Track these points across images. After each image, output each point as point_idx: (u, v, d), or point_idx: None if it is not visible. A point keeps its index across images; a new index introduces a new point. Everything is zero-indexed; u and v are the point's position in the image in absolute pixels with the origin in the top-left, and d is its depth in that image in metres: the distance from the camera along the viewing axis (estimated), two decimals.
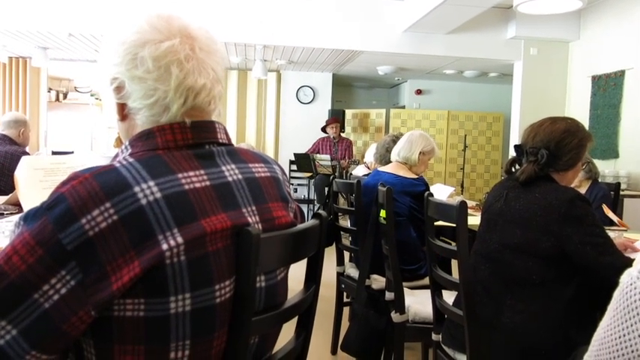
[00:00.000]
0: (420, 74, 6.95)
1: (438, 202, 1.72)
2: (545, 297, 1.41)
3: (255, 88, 6.72)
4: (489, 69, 6.32)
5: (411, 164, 2.53)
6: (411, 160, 2.52)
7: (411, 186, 2.42)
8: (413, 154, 2.52)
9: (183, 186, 0.74)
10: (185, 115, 0.79)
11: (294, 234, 0.87)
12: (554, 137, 1.48)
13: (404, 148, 2.54)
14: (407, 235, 2.40)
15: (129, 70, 0.77)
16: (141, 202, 0.69)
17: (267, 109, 6.79)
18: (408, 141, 2.55)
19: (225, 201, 0.77)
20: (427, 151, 2.55)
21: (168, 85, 0.77)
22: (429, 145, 2.56)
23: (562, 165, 1.49)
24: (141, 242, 0.68)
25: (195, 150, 0.79)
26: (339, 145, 6.14)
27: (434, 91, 7.54)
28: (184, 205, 0.72)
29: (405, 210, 2.39)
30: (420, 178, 2.48)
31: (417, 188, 2.41)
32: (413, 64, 6.19)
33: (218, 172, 0.80)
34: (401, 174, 2.48)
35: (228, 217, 0.76)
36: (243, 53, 5.76)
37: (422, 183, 2.44)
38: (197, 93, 0.79)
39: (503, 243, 1.48)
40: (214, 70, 0.82)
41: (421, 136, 2.56)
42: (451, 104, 7.39)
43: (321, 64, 6.29)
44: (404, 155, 2.53)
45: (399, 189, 2.36)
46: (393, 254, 2.08)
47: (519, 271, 1.43)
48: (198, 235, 0.71)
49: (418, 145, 2.53)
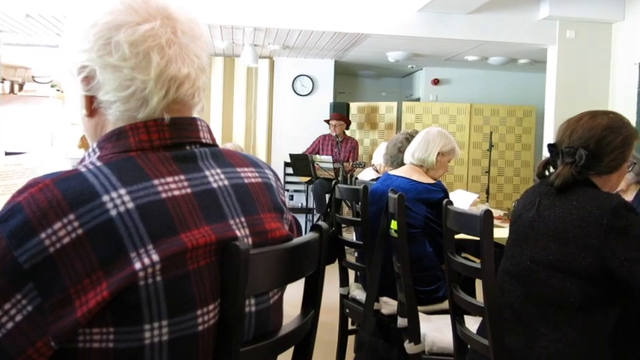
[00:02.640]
0: (438, 61, 6.97)
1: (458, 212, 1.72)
2: (585, 323, 1.41)
3: (243, 77, 6.75)
4: (518, 55, 6.34)
5: (428, 167, 2.54)
6: (427, 162, 2.53)
7: (427, 192, 2.42)
8: (430, 155, 2.52)
9: (160, 194, 0.74)
10: (165, 110, 0.79)
11: (289, 249, 0.87)
12: (595, 135, 1.48)
13: (419, 148, 2.54)
14: (422, 250, 2.40)
15: (101, 57, 0.77)
16: (110, 214, 0.69)
17: (258, 103, 6.80)
18: (424, 140, 2.56)
19: (209, 211, 0.78)
20: (446, 152, 2.56)
21: (147, 74, 0.77)
22: (449, 144, 2.57)
23: (604, 167, 1.49)
24: (110, 261, 0.68)
25: (174, 151, 0.79)
26: (343, 145, 6.14)
27: (453, 80, 7.56)
28: (161, 217, 0.72)
29: (420, 221, 2.39)
30: (438, 183, 2.49)
31: (434, 195, 2.41)
32: (429, 50, 6.21)
33: (201, 177, 0.80)
34: (415, 178, 2.48)
35: (212, 230, 0.76)
36: (230, 37, 5.78)
37: (440, 189, 2.45)
38: (180, 84, 0.80)
39: (536, 260, 1.48)
40: (198, 57, 0.83)
41: (439, 134, 2.57)
42: (474, 96, 7.41)
43: (322, 50, 6.31)
44: (419, 156, 2.54)
45: (412, 196, 2.37)
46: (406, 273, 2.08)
47: (555, 292, 1.43)
48: (178, 252, 0.72)
49: (436, 144, 2.54)
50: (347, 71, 7.79)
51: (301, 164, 5.77)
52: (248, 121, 6.78)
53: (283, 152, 6.49)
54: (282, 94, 6.84)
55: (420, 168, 2.54)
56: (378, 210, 2.41)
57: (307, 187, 6.64)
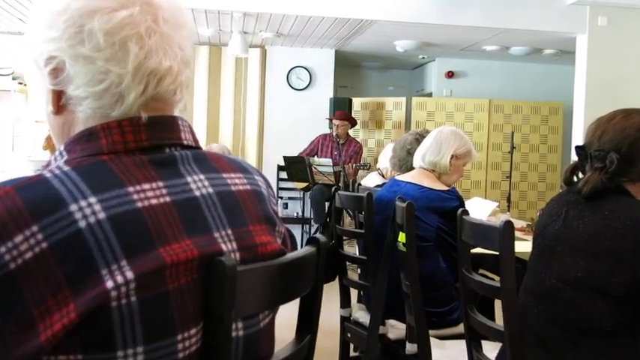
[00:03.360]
0: (452, 51, 6.99)
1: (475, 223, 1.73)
2: (618, 350, 1.41)
3: (231, 69, 6.76)
4: (544, 44, 6.37)
5: (440, 171, 2.55)
6: (440, 166, 2.54)
7: (439, 200, 2.43)
8: (442, 157, 2.53)
9: (135, 203, 0.74)
10: (143, 108, 0.80)
11: (282, 266, 0.87)
12: (628, 136, 1.49)
13: (430, 151, 2.55)
14: (434, 266, 2.40)
15: (72, 46, 0.78)
16: (79, 225, 0.70)
17: (248, 99, 6.82)
18: (435, 140, 2.57)
19: (191, 223, 0.78)
20: (461, 154, 2.57)
21: (124, 67, 0.78)
22: (464, 145, 2.58)
23: (638, 174, 1.50)
24: (78, 278, 0.68)
25: (152, 155, 0.80)
26: (345, 147, 6.15)
27: (470, 73, 7.58)
28: (136, 229, 0.73)
29: (432, 233, 2.40)
30: (452, 190, 2.50)
31: (447, 203, 2.42)
32: (442, 38, 6.23)
33: (182, 184, 0.80)
34: (426, 185, 2.49)
35: (194, 243, 0.77)
36: (217, 23, 5.79)
37: (454, 196, 2.45)
38: (161, 78, 0.80)
39: (563, 277, 1.49)
40: (182, 48, 0.83)
41: (453, 134, 2.58)
42: (493, 91, 7.43)
43: (320, 38, 6.33)
44: (430, 160, 2.55)
45: (423, 204, 2.37)
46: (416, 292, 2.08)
47: (584, 315, 1.43)
48: (155, 269, 0.72)
49: (449, 145, 2.55)
50: (349, 62, 7.81)
51: (297, 168, 5.78)
52: (236, 119, 6.79)
53: (276, 154, 6.50)
54: (276, 88, 6.86)
55: (431, 173, 2.55)
56: (384, 220, 2.42)
57: (303, 194, 6.64)
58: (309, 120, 6.72)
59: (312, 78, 6.89)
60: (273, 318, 0.92)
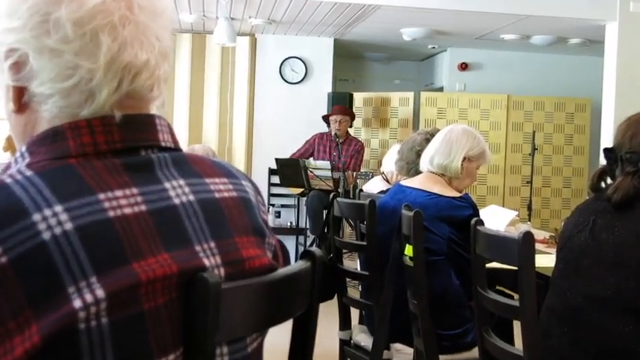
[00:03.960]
0: (466, 40, 7.01)
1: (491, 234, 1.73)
2: None
3: (217, 60, 6.77)
4: (569, 33, 6.39)
5: (451, 175, 2.55)
6: (450, 169, 2.54)
7: (450, 208, 2.43)
8: (453, 160, 2.54)
9: (107, 212, 0.74)
10: (116, 106, 0.80)
11: (273, 283, 0.87)
12: None
13: (439, 152, 2.56)
14: (446, 282, 2.41)
15: (36, 37, 0.78)
16: (42, 237, 0.70)
17: (236, 94, 6.82)
18: (445, 141, 2.57)
19: (170, 234, 0.78)
20: (474, 156, 2.57)
21: (95, 60, 0.78)
22: (478, 146, 2.58)
23: None
24: (42, 297, 0.68)
25: (126, 158, 0.80)
26: (345, 147, 6.16)
27: (486, 65, 7.60)
28: (108, 241, 0.73)
29: (443, 245, 2.40)
30: (465, 196, 2.50)
31: (459, 212, 2.42)
32: (455, 26, 6.25)
33: (159, 190, 0.81)
34: (436, 191, 2.50)
35: (173, 258, 0.77)
36: (200, 8, 5.80)
37: (467, 204, 2.46)
38: (136, 73, 0.81)
39: (589, 295, 1.49)
40: (160, 39, 0.84)
41: (465, 134, 2.58)
42: (512, 85, 7.45)
43: (318, 26, 6.34)
44: (440, 162, 2.55)
45: (432, 213, 2.38)
46: (425, 312, 2.08)
47: (612, 338, 1.44)
48: (129, 286, 0.72)
49: (461, 146, 2.55)
50: (350, 53, 7.83)
51: (291, 172, 5.78)
52: (222, 117, 6.79)
53: (268, 156, 6.50)
54: (267, 81, 6.86)
55: (440, 177, 2.55)
56: (389, 231, 2.42)
57: (298, 201, 6.64)
58: (305, 117, 6.72)
59: (308, 70, 6.90)
60: (263, 342, 0.92)
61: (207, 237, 0.82)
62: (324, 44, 6.93)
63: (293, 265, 0.95)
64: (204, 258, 0.80)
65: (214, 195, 0.87)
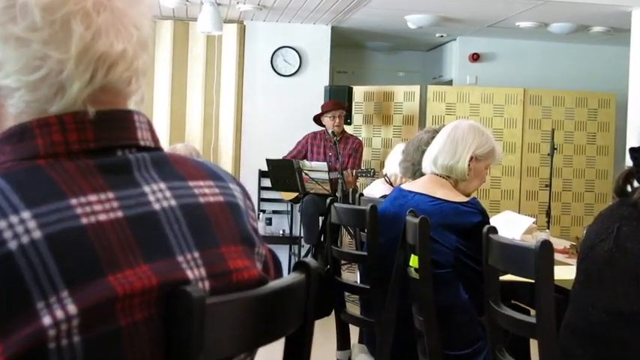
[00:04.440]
0: (478, 28, 7.02)
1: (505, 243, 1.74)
2: None
3: (201, 51, 6.77)
4: (592, 20, 6.41)
5: (457, 177, 2.55)
6: (456, 170, 2.54)
7: (457, 215, 2.43)
8: (459, 160, 2.53)
9: (80, 219, 0.75)
10: (90, 101, 0.80)
11: (263, 297, 0.88)
12: None
13: (444, 152, 2.56)
14: (454, 297, 2.41)
15: (1, 25, 0.79)
16: (8, 247, 0.70)
17: (223, 87, 6.83)
18: (450, 139, 2.57)
19: (149, 244, 0.79)
20: (483, 155, 2.57)
21: (66, 50, 0.79)
22: (486, 143, 2.58)
23: None
24: (7, 314, 0.68)
25: (101, 159, 0.80)
26: (342, 146, 6.16)
27: (500, 56, 7.62)
28: (81, 251, 0.73)
29: (449, 256, 2.40)
30: (472, 201, 2.50)
31: (467, 219, 2.43)
32: (465, 12, 6.26)
33: (137, 195, 0.81)
34: (440, 195, 2.49)
35: (152, 270, 0.77)
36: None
37: (475, 209, 2.46)
38: (112, 65, 0.81)
39: (613, 310, 1.49)
40: (138, 27, 0.84)
41: (472, 130, 2.58)
42: (529, 78, 7.46)
43: (313, 12, 6.34)
44: (444, 163, 2.55)
45: (437, 220, 2.37)
46: (432, 330, 2.08)
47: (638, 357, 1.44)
48: (104, 301, 0.72)
49: (467, 144, 2.55)
50: (349, 42, 7.84)
51: (283, 174, 5.78)
52: (207, 113, 6.79)
53: (258, 157, 6.50)
54: (257, 74, 6.87)
55: (445, 180, 2.55)
56: (390, 241, 2.42)
57: (292, 206, 6.64)
58: (300, 114, 6.72)
59: (303, 61, 6.91)
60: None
61: (190, 246, 0.83)
62: (320, 32, 6.94)
63: (286, 278, 0.95)
64: (187, 270, 0.80)
65: (199, 199, 0.87)
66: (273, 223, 6.75)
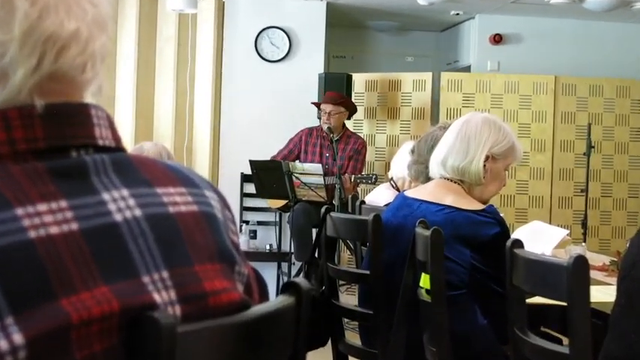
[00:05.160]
0: (500, 5, 7.03)
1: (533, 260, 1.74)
2: None
3: (173, 31, 6.75)
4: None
5: (471, 181, 2.55)
6: (469, 173, 2.53)
7: (470, 225, 2.43)
8: (473, 160, 2.53)
9: (27, 232, 0.75)
10: (37, 91, 0.81)
11: (245, 325, 0.88)
12: None
13: (454, 151, 2.55)
14: (470, 323, 2.41)
15: None
16: None
17: (198, 75, 6.81)
18: (460, 136, 2.57)
19: (110, 261, 0.79)
20: (500, 153, 2.57)
21: (7, 31, 0.79)
22: (504, 139, 2.58)
23: None
24: None
25: (52, 161, 0.81)
26: (341, 146, 6.16)
27: (526, 37, 7.61)
28: (28, 271, 0.73)
29: (463, 275, 2.41)
30: (488, 208, 2.49)
31: (483, 230, 2.43)
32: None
33: (95, 204, 0.81)
34: (448, 202, 2.50)
35: (113, 292, 0.77)
36: None
37: (492, 219, 2.46)
38: (62, 47, 0.81)
39: None
40: (94, 4, 0.85)
41: (486, 124, 2.58)
42: (561, 63, 7.46)
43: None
44: (455, 164, 2.54)
45: (448, 233, 2.37)
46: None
47: None
48: (56, 329, 0.72)
49: (482, 141, 2.54)
50: (348, 22, 7.84)
51: (270, 178, 5.77)
52: (180, 106, 6.77)
53: (240, 158, 6.48)
54: (239, 60, 6.86)
55: (457, 185, 2.55)
56: (393, 257, 2.43)
57: (280, 216, 6.63)
58: (290, 107, 6.72)
59: (293, 45, 6.90)
60: None
61: (158, 264, 0.83)
62: (313, 10, 6.94)
63: (272, 302, 0.95)
64: (154, 292, 0.81)
65: (168, 209, 0.87)
66: (259, 236, 6.74)
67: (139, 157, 0.90)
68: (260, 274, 1.06)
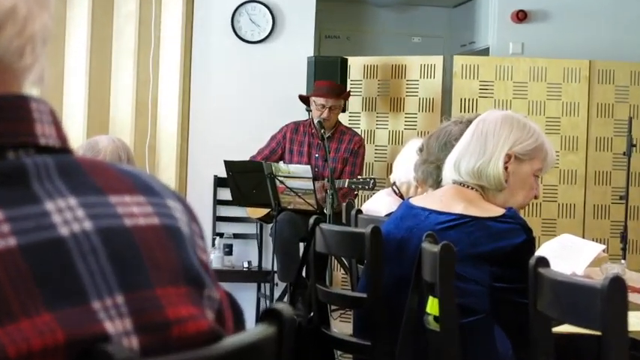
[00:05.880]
0: None
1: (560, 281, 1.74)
2: None
3: (133, 6, 6.72)
4: None
5: (490, 186, 2.54)
6: (487, 175, 2.53)
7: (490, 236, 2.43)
8: (490, 159, 2.52)
9: None
10: None
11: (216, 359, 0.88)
12: None
13: (469, 151, 2.56)
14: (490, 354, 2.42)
15: None
16: None
17: (164, 58, 6.80)
18: (476, 134, 2.58)
19: (53, 284, 0.79)
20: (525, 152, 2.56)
21: None
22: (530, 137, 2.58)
23: None
24: None
25: None
26: (334, 145, 6.16)
27: (556, 14, 7.62)
28: None
29: (482, 297, 2.41)
30: (509, 212, 2.46)
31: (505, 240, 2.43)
32: None
33: (37, 215, 0.81)
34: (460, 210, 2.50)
35: (58, 320, 0.77)
36: None
37: (516, 224, 2.44)
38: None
39: None
40: None
41: (506, 121, 2.58)
42: (597, 46, 7.46)
43: None
44: (470, 166, 2.54)
45: (463, 248, 2.38)
46: None
47: None
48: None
49: (501, 137, 2.55)
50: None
51: (249, 182, 5.77)
52: (142, 96, 6.75)
53: (213, 158, 6.48)
54: (212, 40, 6.87)
55: (472, 191, 2.56)
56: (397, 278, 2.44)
57: (260, 228, 6.63)
58: (272, 96, 6.73)
59: (278, 22, 6.90)
60: None
61: (111, 287, 0.83)
62: None
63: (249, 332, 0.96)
64: (106, 320, 0.81)
65: (124, 222, 0.87)
66: (235, 251, 6.71)
67: (89, 160, 0.91)
68: (234, 299, 1.06)
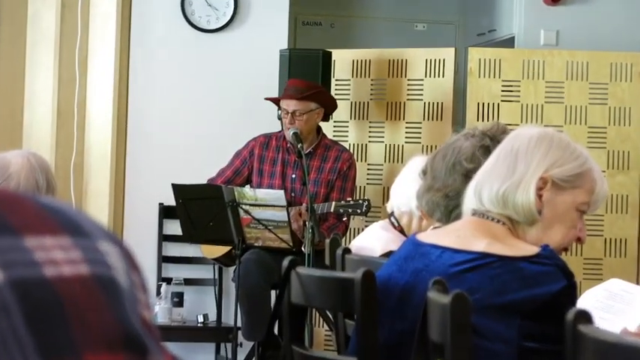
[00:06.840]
0: None
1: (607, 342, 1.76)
2: None
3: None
4: None
5: (520, 217, 2.56)
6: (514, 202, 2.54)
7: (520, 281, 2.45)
8: (520, 183, 2.53)
9: None
10: None
11: None
12: None
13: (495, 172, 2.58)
14: None
15: None
16: None
17: (93, 52, 6.82)
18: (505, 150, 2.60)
19: None
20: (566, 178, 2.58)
21: None
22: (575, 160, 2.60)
23: None
24: None
25: None
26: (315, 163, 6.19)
27: None
28: None
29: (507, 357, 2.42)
30: (545, 251, 2.47)
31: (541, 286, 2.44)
32: None
33: None
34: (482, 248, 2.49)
35: None
36: None
37: (553, 266, 2.45)
38: None
39: None
40: None
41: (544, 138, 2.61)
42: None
43: None
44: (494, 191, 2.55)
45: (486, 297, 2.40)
46: None
47: None
48: None
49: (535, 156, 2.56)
50: None
51: (205, 212, 5.79)
52: (64, 97, 6.77)
53: (157, 180, 6.51)
54: (157, 28, 6.92)
55: (497, 224, 2.57)
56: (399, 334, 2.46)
57: (220, 272, 6.64)
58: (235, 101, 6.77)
59: (240, 5, 6.95)
60: None
61: (27, 355, 0.84)
62: None
63: None
64: None
65: (43, 272, 0.88)
66: (187, 302, 6.73)
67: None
68: None
